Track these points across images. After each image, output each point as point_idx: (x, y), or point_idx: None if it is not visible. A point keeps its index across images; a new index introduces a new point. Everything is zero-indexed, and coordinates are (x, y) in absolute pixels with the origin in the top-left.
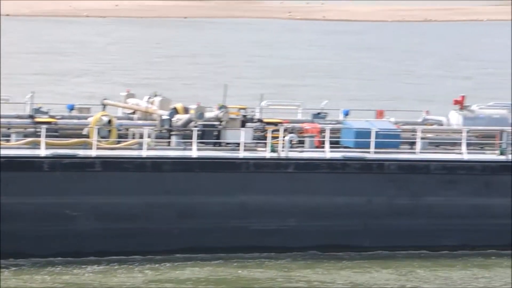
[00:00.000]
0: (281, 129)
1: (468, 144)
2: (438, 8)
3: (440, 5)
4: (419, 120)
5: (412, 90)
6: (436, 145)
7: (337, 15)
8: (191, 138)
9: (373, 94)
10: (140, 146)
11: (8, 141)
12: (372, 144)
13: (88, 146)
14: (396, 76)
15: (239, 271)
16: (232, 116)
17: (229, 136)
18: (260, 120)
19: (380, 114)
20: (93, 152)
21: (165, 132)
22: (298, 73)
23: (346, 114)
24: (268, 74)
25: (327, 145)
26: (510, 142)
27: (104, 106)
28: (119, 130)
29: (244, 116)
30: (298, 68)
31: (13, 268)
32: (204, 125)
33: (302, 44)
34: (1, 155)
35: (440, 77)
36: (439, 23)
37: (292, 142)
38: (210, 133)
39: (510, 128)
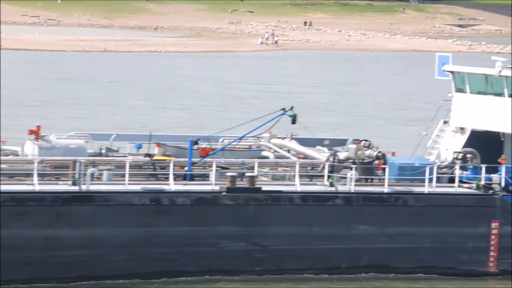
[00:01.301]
0: None
1: (43, 175)
2: (117, 39)
3: (121, 36)
4: None
5: (125, 120)
6: (10, 176)
7: (13, 44)
8: None
9: (91, 124)
10: None
11: None
12: None
13: None
14: (109, 106)
15: None
16: None
17: None
18: None
19: None
20: None
21: None
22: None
23: None
24: None
25: None
26: (84, 172)
27: None
28: None
29: None
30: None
31: None
32: None
33: None
34: None
35: (155, 108)
36: (118, 53)
37: None
38: None
39: (84, 158)
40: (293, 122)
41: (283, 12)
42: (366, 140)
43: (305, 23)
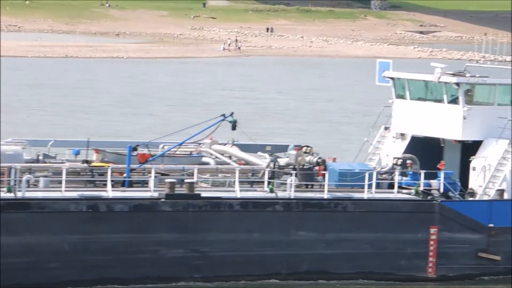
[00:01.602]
0: None
1: None
2: (79, 45)
3: (83, 42)
4: None
5: (92, 126)
6: None
7: None
8: None
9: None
10: None
11: None
12: None
13: None
14: (76, 112)
15: None
16: None
17: None
18: None
19: None
20: None
21: None
22: None
23: None
24: None
25: None
26: (19, 179)
27: None
28: None
29: None
30: None
31: None
32: None
33: None
34: None
35: (123, 114)
36: (80, 59)
37: None
38: None
39: (20, 164)
40: (233, 128)
41: (245, 18)
42: (307, 146)
43: (267, 29)
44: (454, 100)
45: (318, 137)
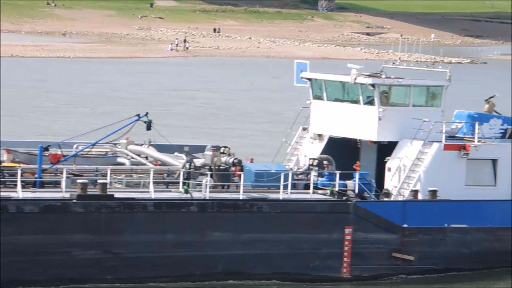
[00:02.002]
0: None
1: None
2: (24, 44)
3: (29, 41)
4: None
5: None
6: None
7: None
8: None
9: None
10: None
11: None
12: None
13: None
14: (33, 113)
15: None
16: None
17: None
18: None
19: None
20: None
21: None
22: None
23: None
24: None
25: None
26: None
27: None
28: None
29: None
30: None
31: None
32: None
33: None
34: None
35: (80, 114)
36: (26, 58)
37: None
38: None
39: None
40: (148, 128)
41: (193, 18)
42: (225, 147)
43: (214, 30)
44: (370, 101)
45: (271, 138)
